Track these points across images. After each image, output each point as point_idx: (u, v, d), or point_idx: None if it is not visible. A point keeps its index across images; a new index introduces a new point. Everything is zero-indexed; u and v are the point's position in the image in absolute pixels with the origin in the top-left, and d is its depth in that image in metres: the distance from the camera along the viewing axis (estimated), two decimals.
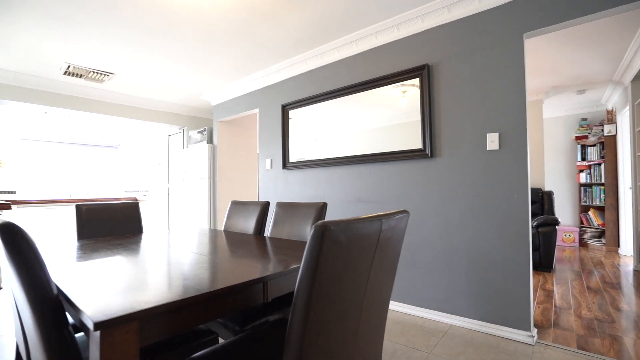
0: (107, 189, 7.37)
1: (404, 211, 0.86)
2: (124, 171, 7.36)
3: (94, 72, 3.53)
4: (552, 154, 5.81)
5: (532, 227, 3.92)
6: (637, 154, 3.62)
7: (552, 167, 5.81)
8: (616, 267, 3.90)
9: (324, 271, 0.65)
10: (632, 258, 4.21)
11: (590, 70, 3.86)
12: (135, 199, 6.32)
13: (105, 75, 3.63)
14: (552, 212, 4.33)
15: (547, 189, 5.66)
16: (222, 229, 2.33)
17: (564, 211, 5.70)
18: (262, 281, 1.06)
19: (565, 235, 5.36)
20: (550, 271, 3.77)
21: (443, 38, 2.41)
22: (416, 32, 2.54)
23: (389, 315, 2.54)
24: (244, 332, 1.29)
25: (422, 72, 2.47)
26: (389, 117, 2.69)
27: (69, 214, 4.60)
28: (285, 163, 3.52)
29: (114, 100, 4.43)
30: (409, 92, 2.57)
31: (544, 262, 3.76)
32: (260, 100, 3.87)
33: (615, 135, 4.78)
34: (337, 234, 0.63)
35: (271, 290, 1.11)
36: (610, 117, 4.86)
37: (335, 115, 3.08)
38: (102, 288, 0.93)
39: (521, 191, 2.06)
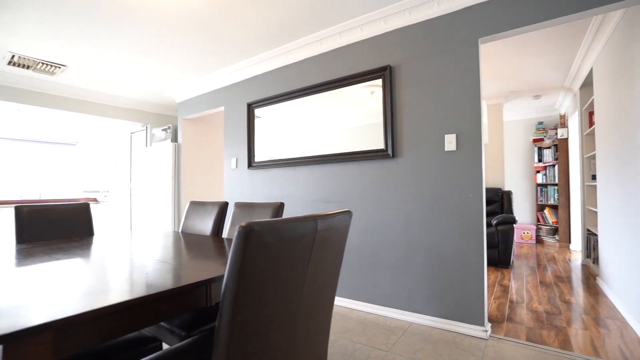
0: (64, 189, 6.92)
1: (346, 211, 0.85)
2: (83, 170, 6.94)
3: (43, 63, 3.29)
4: (512, 156, 6.11)
5: (492, 226, 4.10)
6: (585, 156, 3.87)
7: (511, 168, 6.11)
8: (567, 262, 4.16)
9: (249, 274, 0.62)
10: (580, 253, 4.50)
11: (544, 77, 4.09)
12: (94, 199, 5.99)
13: (56, 67, 3.39)
14: (510, 211, 4.55)
15: (506, 188, 5.93)
16: (180, 230, 2.24)
17: (523, 210, 6.01)
18: (205, 284, 1.01)
19: (523, 233, 5.65)
20: (508, 267, 3.95)
21: (404, 40, 2.46)
22: (379, 33, 2.57)
23: (352, 315, 2.55)
24: (191, 337, 1.24)
25: (385, 73, 2.50)
26: (358, 117, 2.69)
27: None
28: (251, 162, 3.46)
29: (69, 95, 4.16)
30: (377, 92, 2.59)
31: (502, 259, 3.93)
32: (226, 98, 3.78)
33: (567, 139, 5.10)
34: (263, 235, 0.61)
35: (215, 293, 1.07)
36: (563, 122, 5.17)
37: (306, 115, 3.06)
38: (21, 297, 0.85)
39: (476, 191, 2.13)
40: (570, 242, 5.10)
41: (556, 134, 5.42)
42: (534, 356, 1.88)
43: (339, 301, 2.76)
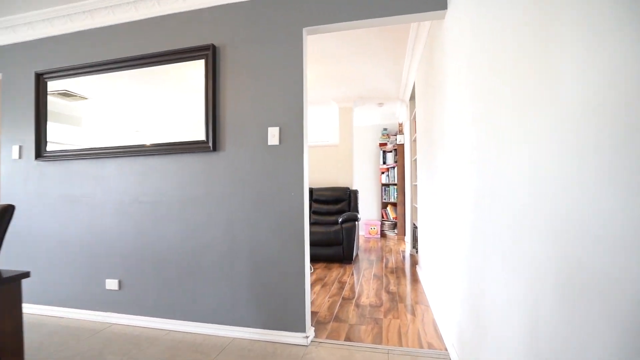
0: None
1: None
2: None
3: None
4: (363, 158, 6.70)
5: (338, 224, 4.27)
6: (412, 159, 4.44)
7: (361, 169, 6.69)
8: (400, 254, 4.70)
9: None
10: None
11: (383, 86, 4.51)
12: None
13: None
14: (356, 209, 4.87)
15: (355, 188, 6.46)
16: None
17: (371, 207, 6.64)
18: None
19: (371, 228, 6.23)
20: (351, 263, 4.17)
21: (231, 18, 2.17)
22: (204, 6, 2.21)
23: (166, 338, 2.10)
24: None
25: (208, 53, 2.15)
26: (199, 104, 2.21)
27: None
28: (40, 152, 2.58)
29: None
30: None
31: (346, 255, 4.13)
32: (5, 62, 2.75)
33: (403, 144, 5.86)
34: None
35: None
36: (401, 129, 5.93)
37: (138, 99, 2.40)
38: None
39: (298, 189, 2.01)
40: (405, 235, 5.87)
41: (396, 139, 6.18)
42: (347, 356, 1.86)
43: (149, 323, 2.26)
